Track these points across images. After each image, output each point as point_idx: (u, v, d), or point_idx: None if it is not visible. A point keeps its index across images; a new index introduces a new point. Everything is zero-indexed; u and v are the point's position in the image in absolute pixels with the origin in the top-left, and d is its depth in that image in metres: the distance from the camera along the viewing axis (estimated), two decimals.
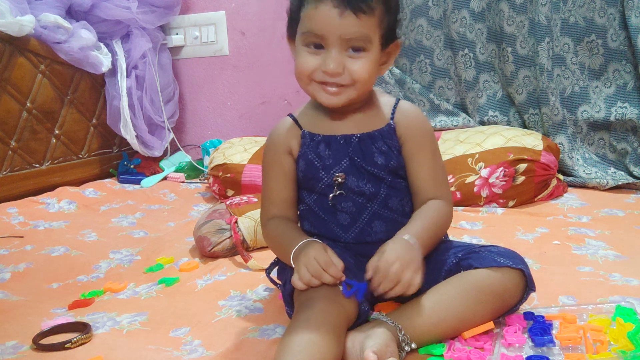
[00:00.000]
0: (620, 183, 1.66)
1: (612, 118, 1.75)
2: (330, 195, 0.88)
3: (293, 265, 0.83)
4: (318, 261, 0.78)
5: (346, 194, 0.88)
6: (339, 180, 0.87)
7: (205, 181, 2.05)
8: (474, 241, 1.25)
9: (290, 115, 0.94)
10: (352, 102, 0.86)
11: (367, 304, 0.81)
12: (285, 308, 0.89)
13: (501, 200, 1.53)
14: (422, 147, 0.89)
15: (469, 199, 1.53)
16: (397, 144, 0.89)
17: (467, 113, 1.95)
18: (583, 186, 1.70)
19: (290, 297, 0.83)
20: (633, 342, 0.73)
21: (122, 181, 2.12)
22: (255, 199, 1.38)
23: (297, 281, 0.79)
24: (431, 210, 0.88)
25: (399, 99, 0.92)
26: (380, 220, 0.89)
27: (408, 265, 0.78)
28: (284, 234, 0.90)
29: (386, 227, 0.89)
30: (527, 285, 0.83)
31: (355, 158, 0.87)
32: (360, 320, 0.80)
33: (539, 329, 0.80)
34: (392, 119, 0.90)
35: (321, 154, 0.88)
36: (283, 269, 0.94)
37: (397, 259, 0.78)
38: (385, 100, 0.92)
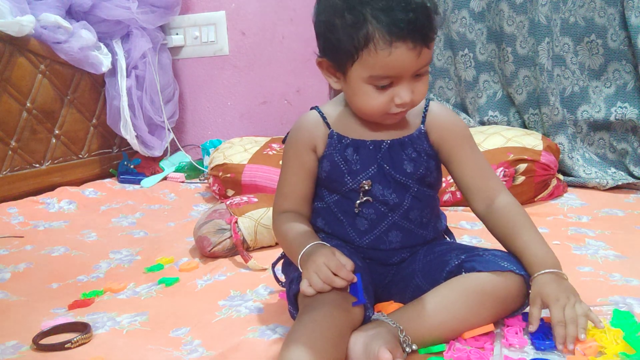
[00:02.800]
0: (620, 183, 1.66)
1: (612, 118, 1.75)
2: (357, 202, 0.87)
3: (300, 269, 0.82)
4: (328, 266, 0.76)
5: (372, 201, 0.87)
6: (366, 187, 0.86)
7: (205, 181, 2.05)
8: (474, 241, 1.25)
9: (317, 109, 0.91)
10: None
11: (372, 310, 0.81)
12: (288, 307, 0.88)
13: None
14: (459, 146, 0.88)
15: None
16: (428, 148, 0.88)
17: (467, 113, 1.95)
18: (583, 186, 1.70)
19: (294, 298, 0.83)
20: (632, 345, 0.73)
21: (122, 181, 2.12)
22: (256, 199, 1.38)
23: (307, 288, 0.76)
24: (519, 217, 0.86)
25: (429, 101, 0.90)
26: (398, 230, 0.88)
27: (575, 301, 0.76)
28: (292, 232, 0.88)
29: (402, 237, 0.89)
30: (529, 291, 0.82)
31: (385, 165, 0.86)
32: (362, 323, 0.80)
33: (540, 332, 0.79)
34: (423, 123, 0.88)
35: (348, 157, 0.87)
36: (288, 264, 0.93)
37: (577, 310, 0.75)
38: None
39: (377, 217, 0.88)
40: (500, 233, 0.87)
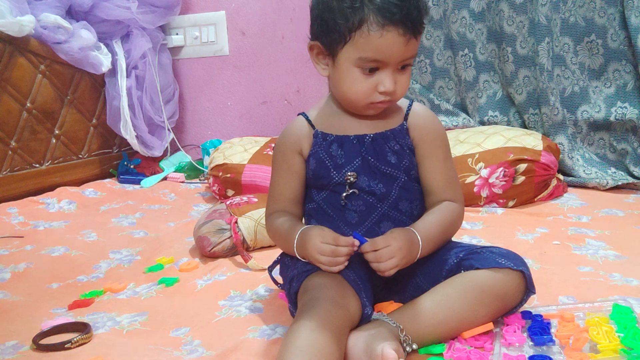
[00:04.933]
0: (620, 183, 1.66)
1: (612, 118, 1.75)
2: (343, 194, 0.88)
3: (297, 256, 0.86)
4: (327, 242, 0.81)
5: (358, 193, 0.88)
6: (351, 179, 0.88)
7: (205, 181, 2.05)
8: (474, 241, 1.25)
9: (304, 114, 0.94)
10: None
11: (370, 308, 0.81)
12: (288, 307, 0.89)
13: (501, 200, 1.53)
14: (434, 149, 0.91)
15: (469, 199, 1.53)
16: (410, 143, 0.90)
17: (467, 113, 1.95)
18: (583, 186, 1.70)
19: (294, 296, 0.83)
20: (630, 345, 0.73)
21: (122, 181, 2.12)
22: (256, 199, 1.38)
23: (329, 269, 0.81)
24: (443, 210, 0.89)
25: (413, 101, 0.93)
26: (389, 221, 0.89)
27: (400, 255, 0.80)
28: (284, 227, 0.91)
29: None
30: (528, 288, 0.83)
31: (369, 158, 0.88)
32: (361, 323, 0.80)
33: (538, 328, 0.80)
34: (405, 120, 0.91)
35: (333, 153, 0.89)
36: (286, 266, 0.94)
37: (398, 247, 0.80)
38: (399, 102, 0.92)
39: (367, 208, 0.89)
40: None
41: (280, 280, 0.99)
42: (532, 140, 1.58)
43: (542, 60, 1.76)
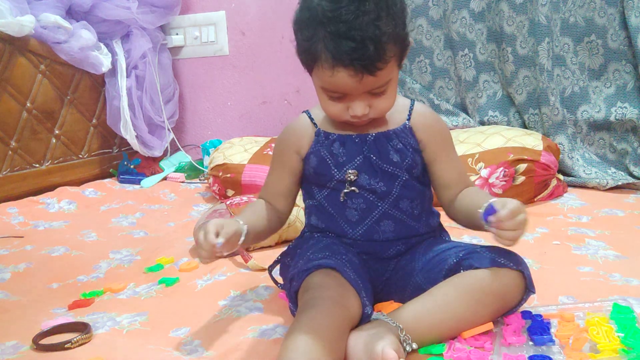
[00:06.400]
0: (620, 183, 1.66)
1: (612, 118, 1.75)
2: (343, 191, 0.89)
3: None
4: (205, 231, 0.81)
5: (358, 191, 0.89)
6: (352, 177, 0.88)
7: (205, 181, 2.05)
8: (474, 241, 1.25)
9: (307, 112, 0.95)
10: None
11: (370, 308, 0.81)
12: (289, 305, 0.89)
13: None
14: (443, 147, 0.93)
15: None
16: (413, 142, 0.90)
17: (467, 113, 1.95)
18: (583, 186, 1.70)
19: (295, 295, 0.84)
20: (630, 345, 0.73)
21: (122, 181, 2.12)
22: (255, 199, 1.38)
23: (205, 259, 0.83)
24: (474, 188, 0.94)
25: (414, 101, 0.93)
26: (390, 219, 0.89)
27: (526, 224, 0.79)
28: (245, 210, 0.95)
29: (394, 227, 0.90)
30: (527, 287, 0.83)
31: (371, 156, 0.89)
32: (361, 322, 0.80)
33: (538, 328, 0.80)
34: (408, 119, 0.91)
35: (334, 151, 0.90)
36: (286, 266, 0.95)
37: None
38: (400, 102, 0.93)
39: (367, 206, 0.89)
40: (459, 204, 0.91)
41: (280, 280, 1.00)
42: (532, 140, 1.58)
43: (542, 60, 1.76)
